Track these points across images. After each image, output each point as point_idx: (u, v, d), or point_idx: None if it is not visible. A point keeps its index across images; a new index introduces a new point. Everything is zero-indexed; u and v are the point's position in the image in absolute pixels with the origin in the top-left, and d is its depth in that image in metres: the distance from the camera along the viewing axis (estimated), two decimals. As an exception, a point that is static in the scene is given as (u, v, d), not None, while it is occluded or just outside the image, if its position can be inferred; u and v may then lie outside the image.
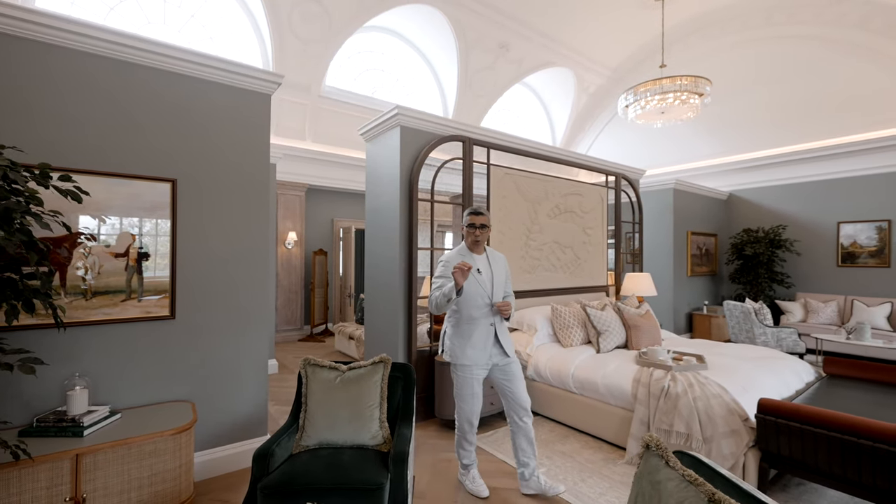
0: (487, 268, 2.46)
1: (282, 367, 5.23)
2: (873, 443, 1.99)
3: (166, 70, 2.49)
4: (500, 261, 2.55)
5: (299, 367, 2.24)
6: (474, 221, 2.43)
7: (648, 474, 1.17)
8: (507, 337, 2.49)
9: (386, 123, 3.66)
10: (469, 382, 2.42)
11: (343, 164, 7.13)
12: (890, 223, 6.11)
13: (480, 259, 2.47)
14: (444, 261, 2.47)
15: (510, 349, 2.47)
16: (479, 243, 2.46)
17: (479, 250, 2.49)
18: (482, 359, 2.40)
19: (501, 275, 2.50)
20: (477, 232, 2.42)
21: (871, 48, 5.97)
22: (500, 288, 2.48)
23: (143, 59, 2.40)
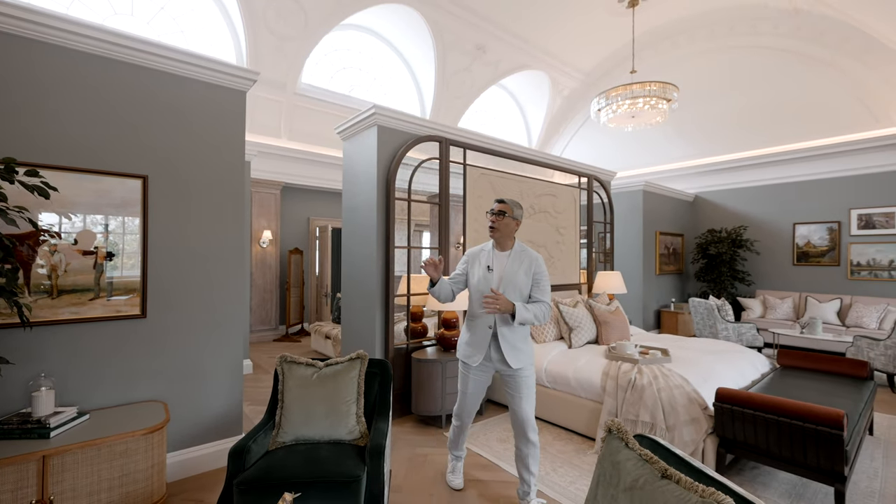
0: (503, 266, 2.25)
1: (256, 367, 5.16)
2: (816, 426, 2.16)
3: (138, 65, 2.44)
4: (528, 261, 2.25)
5: (276, 363, 2.25)
6: (493, 207, 2.28)
7: (610, 455, 1.25)
8: (516, 345, 2.22)
9: (363, 123, 3.68)
10: (463, 378, 2.36)
11: (319, 163, 7.08)
12: (840, 224, 6.52)
13: (500, 256, 2.28)
14: (465, 255, 2.42)
15: (515, 359, 2.21)
16: (494, 231, 2.26)
17: (503, 246, 2.29)
18: (477, 359, 2.26)
19: (520, 276, 2.22)
20: (492, 219, 2.25)
21: (822, 61, 6.36)
22: (513, 289, 2.20)
23: (113, 53, 2.35)
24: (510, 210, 2.27)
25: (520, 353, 2.23)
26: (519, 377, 2.24)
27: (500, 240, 2.29)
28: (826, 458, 2.14)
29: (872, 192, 6.26)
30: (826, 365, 3.42)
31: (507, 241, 2.30)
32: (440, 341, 3.60)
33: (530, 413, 2.25)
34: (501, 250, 2.30)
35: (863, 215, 6.34)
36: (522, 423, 2.24)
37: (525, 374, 2.25)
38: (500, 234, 2.27)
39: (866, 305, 5.89)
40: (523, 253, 2.29)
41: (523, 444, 2.25)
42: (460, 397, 2.39)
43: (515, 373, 2.23)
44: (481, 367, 2.30)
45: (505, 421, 3.47)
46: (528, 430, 2.24)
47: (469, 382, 2.34)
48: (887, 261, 6.12)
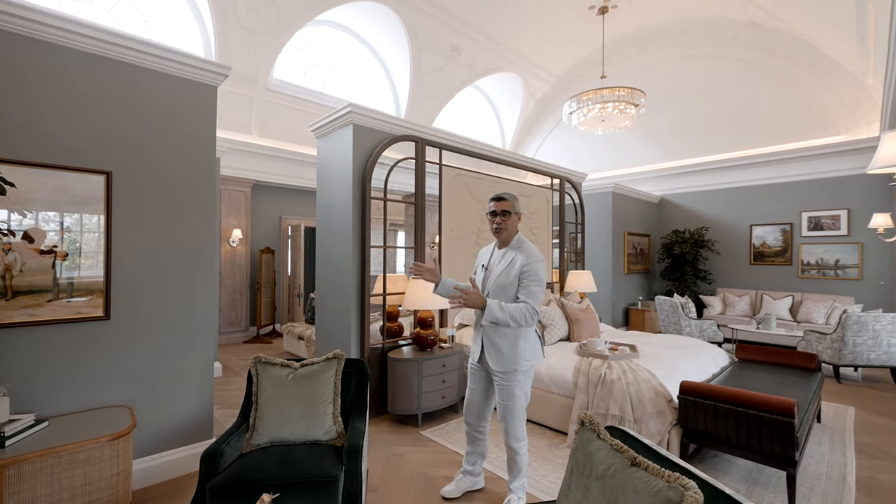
0: (496, 265, 2.19)
1: (226, 369, 5.02)
2: (770, 415, 2.31)
3: (102, 56, 2.34)
4: (520, 260, 2.12)
5: (250, 365, 2.21)
6: (494, 208, 2.17)
7: (582, 446, 1.31)
8: (500, 347, 2.13)
9: (338, 121, 3.65)
10: (469, 370, 2.37)
11: (292, 160, 6.94)
12: (792, 226, 6.94)
13: (499, 253, 2.22)
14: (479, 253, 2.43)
15: (495, 361, 2.15)
16: (500, 232, 2.17)
17: (503, 242, 2.22)
18: (474, 356, 2.30)
19: (503, 276, 2.13)
20: (497, 219, 2.15)
21: (776, 71, 6.74)
22: (500, 290, 2.13)
23: (73, 42, 2.25)
24: (512, 206, 2.17)
25: (502, 355, 2.14)
26: (501, 382, 2.16)
27: (506, 238, 2.21)
28: (779, 444, 2.29)
29: (821, 196, 6.70)
30: (779, 358, 3.65)
31: (510, 238, 2.21)
32: (416, 340, 3.62)
33: (511, 425, 2.17)
34: (501, 247, 2.25)
35: (812, 218, 6.78)
36: (505, 429, 2.20)
37: (506, 381, 2.14)
38: (507, 234, 2.19)
39: (815, 302, 6.30)
40: (518, 250, 2.17)
41: (508, 448, 2.24)
42: (468, 393, 2.38)
43: (499, 377, 2.17)
44: (479, 365, 2.30)
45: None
46: (509, 437, 2.20)
47: (469, 377, 2.36)
48: (833, 260, 6.56)
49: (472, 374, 2.35)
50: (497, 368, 2.16)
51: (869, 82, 6.02)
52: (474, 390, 2.35)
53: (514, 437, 2.19)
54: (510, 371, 2.15)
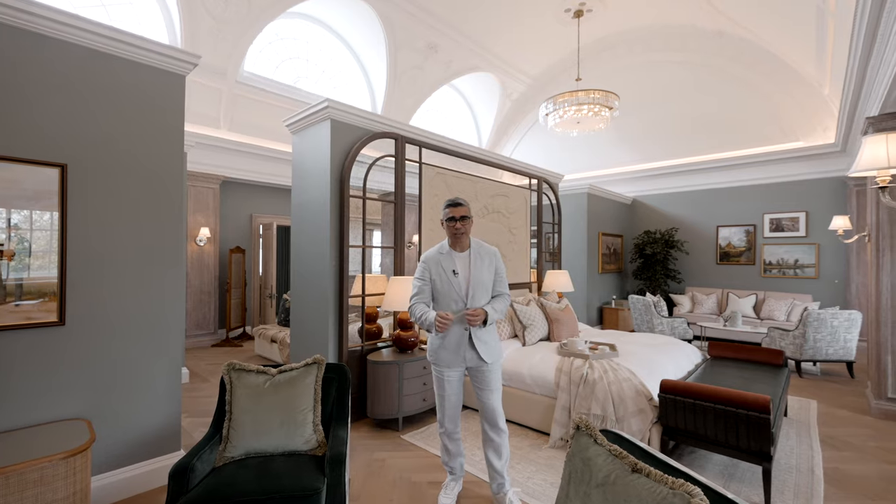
0: (467, 268, 2.21)
1: (193, 375, 4.77)
2: (748, 411, 2.37)
3: (57, 38, 2.15)
4: (488, 258, 2.26)
5: (222, 372, 2.08)
6: (453, 214, 2.18)
7: (579, 452, 1.28)
8: (488, 341, 2.24)
9: (315, 116, 3.52)
10: (440, 383, 2.28)
11: (263, 156, 6.70)
12: (755, 227, 7.25)
13: (461, 257, 2.23)
14: (422, 261, 2.30)
15: (490, 354, 2.23)
16: (461, 238, 2.22)
17: (462, 246, 2.24)
18: (455, 361, 2.23)
19: (486, 275, 2.23)
20: (457, 225, 2.18)
21: (741, 79, 7.02)
22: (481, 290, 2.22)
23: (27, 24, 2.05)
24: (469, 210, 2.24)
25: (491, 347, 2.26)
26: (490, 371, 2.25)
27: (466, 242, 2.26)
28: (755, 439, 2.35)
29: (782, 198, 7.03)
30: (748, 355, 3.77)
31: (466, 240, 2.27)
32: (396, 342, 3.54)
33: (500, 403, 2.30)
34: (461, 251, 2.26)
35: (774, 219, 7.10)
36: (494, 414, 2.26)
37: (495, 368, 2.27)
38: (465, 238, 2.25)
39: (777, 300, 6.60)
40: (481, 249, 2.29)
41: (495, 434, 2.27)
42: (441, 403, 2.30)
43: (488, 367, 2.24)
44: (457, 368, 2.26)
45: (463, 420, 3.44)
46: (499, 419, 2.27)
47: (447, 385, 2.27)
48: (793, 260, 6.90)
49: (447, 380, 2.27)
50: (489, 360, 2.24)
51: (825, 92, 6.35)
52: (455, 395, 2.30)
53: (503, 417, 2.30)
54: (496, 360, 2.29)
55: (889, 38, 2.99)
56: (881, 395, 3.65)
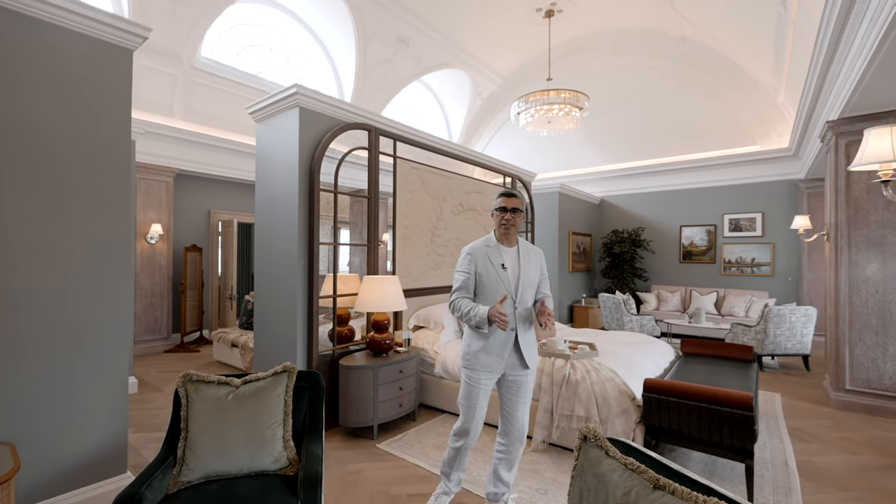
0: (516, 264, 2.10)
1: (143, 384, 4.37)
2: (731, 409, 2.36)
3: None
4: (535, 256, 2.17)
5: (177, 385, 1.83)
6: (505, 204, 2.06)
7: (591, 467, 1.16)
8: (531, 345, 2.11)
9: (282, 103, 3.27)
10: (474, 392, 2.07)
11: (222, 148, 6.28)
12: (716, 227, 7.53)
13: (509, 252, 2.11)
14: (467, 253, 2.13)
15: (531, 359, 2.09)
16: (510, 231, 2.08)
17: (511, 241, 2.13)
18: (497, 367, 2.05)
19: (533, 273, 2.12)
20: (507, 216, 2.06)
21: (703, 84, 7.27)
22: (529, 288, 2.10)
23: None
24: (523, 204, 2.10)
25: (533, 351, 2.13)
26: (527, 379, 2.11)
27: (515, 236, 2.14)
28: (738, 437, 2.35)
29: (740, 200, 7.34)
30: (719, 351, 3.85)
31: (516, 236, 2.15)
32: (370, 345, 3.34)
33: (525, 420, 2.14)
34: (509, 246, 2.13)
35: (733, 220, 7.40)
36: (522, 430, 2.12)
37: (532, 376, 2.13)
38: (515, 232, 2.11)
39: (736, 297, 6.88)
40: (529, 247, 2.19)
41: (517, 446, 2.13)
42: (469, 413, 2.09)
43: (526, 375, 2.10)
44: (496, 376, 2.08)
45: (441, 426, 3.33)
46: (523, 435, 2.14)
47: (481, 395, 2.07)
48: (750, 258, 7.22)
49: (481, 389, 2.06)
50: (533, 366, 2.11)
51: (780, 99, 6.67)
52: (481, 409, 2.10)
53: (527, 430, 2.16)
54: (535, 367, 2.16)
55: (852, 44, 3.11)
56: (839, 387, 3.82)
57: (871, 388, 3.66)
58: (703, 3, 6.02)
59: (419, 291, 4.13)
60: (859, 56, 2.93)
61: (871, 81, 3.04)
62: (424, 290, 4.19)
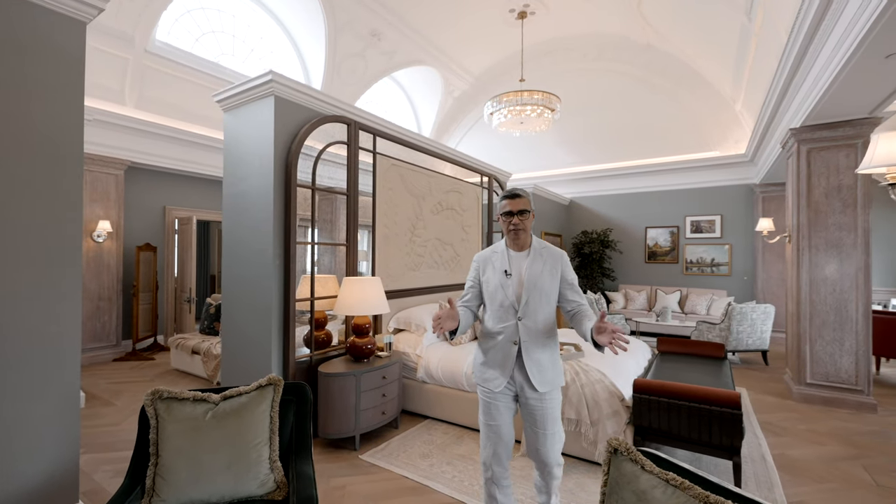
0: (524, 268, 1.86)
1: (91, 398, 3.95)
2: (721, 408, 2.40)
3: None
4: (552, 260, 1.88)
5: (145, 403, 1.61)
6: (510, 207, 1.84)
7: (628, 483, 1.09)
8: (542, 361, 1.82)
9: (255, 91, 3.03)
10: (485, 406, 1.87)
11: (180, 140, 5.84)
12: (678, 229, 7.84)
13: (518, 257, 1.89)
14: (474, 260, 2.00)
15: (544, 381, 1.81)
16: (519, 234, 1.86)
17: (521, 245, 1.89)
18: (500, 382, 1.83)
19: (547, 279, 1.84)
20: (514, 220, 1.84)
21: (666, 91, 7.55)
22: (538, 296, 1.83)
23: None
24: (529, 203, 1.87)
25: (546, 372, 1.82)
26: (542, 405, 1.82)
27: (525, 240, 1.90)
28: (727, 435, 2.39)
29: (701, 203, 7.68)
30: (693, 349, 3.95)
31: (529, 239, 1.92)
32: (351, 350, 3.17)
33: (555, 453, 1.84)
34: (519, 250, 1.91)
35: (694, 222, 7.74)
36: (545, 465, 1.85)
37: (550, 403, 1.83)
38: (525, 235, 1.88)
39: (698, 296, 7.18)
40: (544, 250, 1.91)
41: (547, 478, 1.89)
42: (488, 434, 1.86)
43: (540, 400, 1.82)
44: (506, 391, 1.85)
45: (425, 432, 3.21)
46: (553, 467, 1.86)
47: (495, 413, 1.84)
48: (710, 259, 7.56)
49: (494, 404, 1.85)
50: (543, 389, 1.81)
51: (737, 108, 7.02)
52: (507, 426, 1.85)
53: (558, 463, 1.87)
54: (554, 389, 1.86)
55: (818, 57, 3.27)
56: (801, 381, 4.03)
57: (830, 381, 3.89)
58: (669, 12, 6.22)
59: (399, 293, 3.98)
60: (827, 68, 3.08)
61: (836, 92, 3.21)
62: (405, 292, 4.06)
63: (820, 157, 3.96)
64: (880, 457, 2.90)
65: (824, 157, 3.95)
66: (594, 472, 2.63)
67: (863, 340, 3.77)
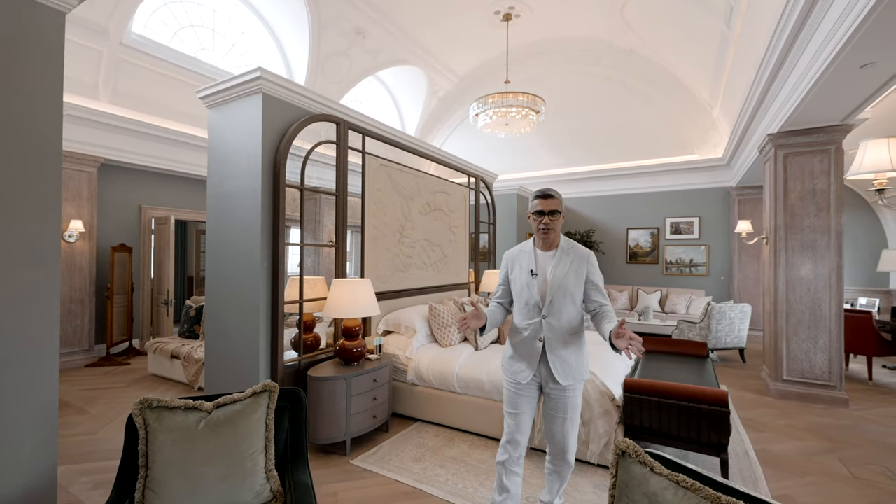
0: (549, 268, 1.93)
1: (64, 406, 3.77)
2: (709, 406, 2.45)
3: None
4: (578, 260, 1.95)
5: (133, 413, 1.54)
6: (542, 207, 1.92)
7: (638, 486, 1.10)
8: (565, 358, 1.92)
9: (242, 88, 2.95)
10: (512, 396, 2.00)
11: (157, 137, 5.65)
12: (658, 230, 8.03)
13: (545, 256, 1.97)
14: (504, 258, 2.10)
15: (567, 375, 1.92)
16: (549, 233, 1.93)
17: (550, 244, 1.97)
18: (524, 375, 1.96)
19: (572, 279, 1.91)
20: (545, 220, 1.91)
21: (647, 95, 7.71)
22: (563, 296, 1.90)
23: None
24: (560, 204, 1.96)
25: (569, 367, 1.94)
26: (565, 395, 1.95)
27: (554, 239, 1.99)
28: (715, 432, 2.45)
29: (680, 204, 7.88)
30: (676, 348, 4.05)
31: (558, 238, 2.00)
32: (341, 353, 3.12)
33: (572, 439, 1.99)
34: (547, 249, 1.99)
35: (673, 223, 7.93)
36: (560, 447, 2.00)
37: (572, 393, 1.97)
38: (554, 235, 1.97)
39: (678, 295, 7.37)
40: (571, 250, 1.98)
41: (561, 466, 2.04)
42: (509, 420, 2.00)
43: (562, 390, 1.95)
44: (532, 383, 1.99)
45: (416, 436, 3.18)
46: (568, 452, 2.01)
47: (521, 401, 1.98)
48: (688, 259, 7.77)
49: (520, 395, 1.98)
50: (565, 382, 1.93)
51: (714, 113, 7.23)
52: (524, 414, 1.98)
53: (572, 451, 2.03)
54: (577, 382, 1.98)
55: (796, 65, 3.39)
56: (777, 378, 4.17)
57: (805, 378, 4.04)
58: (651, 18, 6.36)
59: (388, 294, 3.94)
60: (805, 76, 3.19)
61: (812, 100, 3.33)
62: (393, 293, 4.02)
63: (795, 161, 4.12)
64: (854, 450, 3.03)
65: (799, 162, 4.10)
66: (587, 472, 2.65)
67: (836, 338, 3.93)
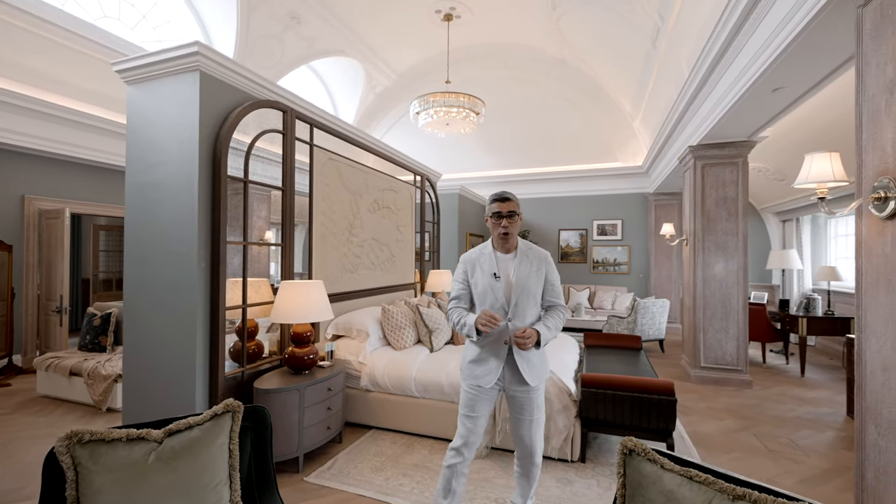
0: (512, 271, 1.94)
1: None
2: (659, 396, 2.64)
3: None
4: (537, 261, 1.98)
5: (57, 452, 1.24)
6: (500, 209, 1.91)
7: (653, 484, 1.11)
8: (531, 359, 1.92)
9: (174, 63, 2.57)
10: (470, 400, 1.95)
11: (47, 115, 4.79)
12: (587, 231, 8.58)
13: (505, 259, 1.96)
14: (461, 262, 2.04)
15: (534, 375, 1.92)
16: (508, 237, 1.94)
17: (509, 247, 1.97)
18: (488, 380, 1.91)
19: (533, 280, 1.93)
20: (504, 223, 1.91)
21: (577, 104, 8.20)
22: (526, 297, 1.92)
23: None
24: (518, 206, 1.96)
25: (535, 367, 1.94)
26: (530, 397, 1.95)
27: (514, 242, 1.99)
28: (663, 420, 2.65)
29: (605, 208, 8.49)
30: (614, 342, 4.34)
31: (516, 241, 2.01)
32: (290, 362, 2.86)
33: (539, 440, 1.99)
34: (506, 252, 1.99)
35: (600, 225, 8.53)
36: (529, 450, 1.99)
37: (536, 394, 1.97)
38: (513, 238, 1.97)
39: (604, 292, 7.94)
40: (530, 252, 2.01)
41: (529, 468, 2.02)
42: (466, 423, 1.95)
43: (529, 391, 1.94)
44: (495, 387, 1.95)
45: (372, 444, 3.03)
46: (536, 454, 2.00)
47: (480, 405, 1.95)
48: (613, 259, 8.41)
49: (480, 398, 1.95)
50: (534, 383, 1.94)
51: (635, 125, 7.90)
52: (482, 417, 1.97)
53: (540, 452, 2.02)
54: (541, 382, 1.99)
55: (716, 86, 3.80)
56: (696, 365, 4.65)
57: (718, 364, 4.55)
58: (584, 31, 6.76)
59: (338, 296, 3.72)
60: (727, 95, 3.58)
61: (731, 117, 3.75)
62: (343, 295, 3.80)
63: (711, 171, 4.62)
64: (763, 426, 3.46)
65: (715, 172, 4.61)
66: (548, 467, 2.71)
67: (742, 328, 4.48)
